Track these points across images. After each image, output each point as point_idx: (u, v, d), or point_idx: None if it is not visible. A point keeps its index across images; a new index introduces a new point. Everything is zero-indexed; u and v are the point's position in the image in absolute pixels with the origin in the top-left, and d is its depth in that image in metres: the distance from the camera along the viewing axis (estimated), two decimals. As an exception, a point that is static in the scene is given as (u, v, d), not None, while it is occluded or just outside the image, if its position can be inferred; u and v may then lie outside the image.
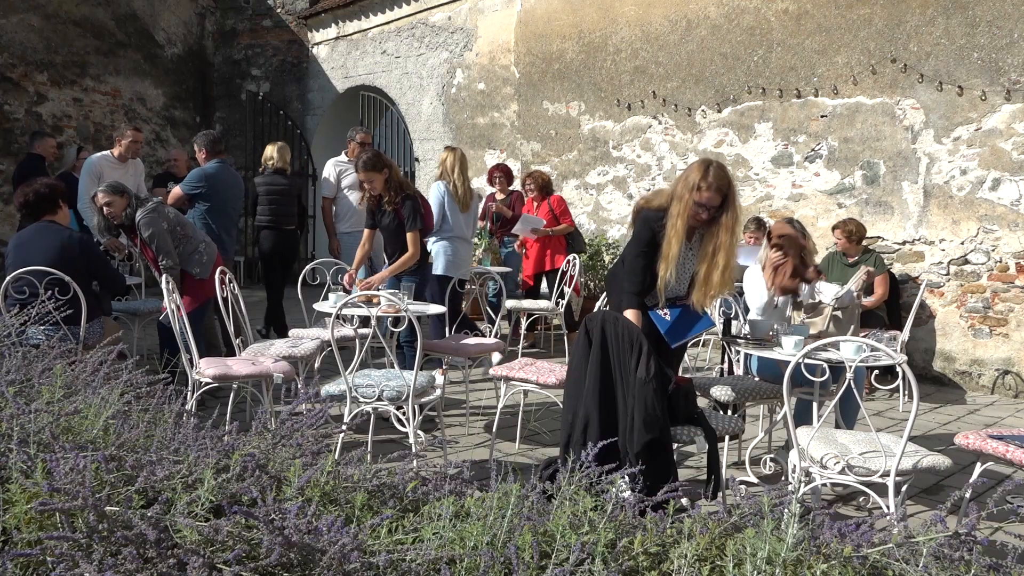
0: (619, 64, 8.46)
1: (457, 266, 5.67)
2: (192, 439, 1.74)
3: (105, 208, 4.65)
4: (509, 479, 1.60)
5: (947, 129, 6.37)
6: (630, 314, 3.40)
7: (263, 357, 4.23)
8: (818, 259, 6.58)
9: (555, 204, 7.31)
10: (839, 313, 5.17)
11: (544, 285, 7.50)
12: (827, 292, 4.44)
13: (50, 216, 4.45)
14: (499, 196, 7.57)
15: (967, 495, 2.75)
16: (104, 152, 6.50)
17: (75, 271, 4.18)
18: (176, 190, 5.76)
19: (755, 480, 3.90)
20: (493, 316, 5.95)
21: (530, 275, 7.34)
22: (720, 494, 2.95)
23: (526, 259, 7.36)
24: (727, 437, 3.65)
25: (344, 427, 2.49)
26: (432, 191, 5.75)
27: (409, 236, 4.93)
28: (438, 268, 5.55)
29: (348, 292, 4.83)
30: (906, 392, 5.33)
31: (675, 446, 3.10)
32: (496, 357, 5.24)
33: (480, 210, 7.33)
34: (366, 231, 5.22)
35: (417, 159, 10.80)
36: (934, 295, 6.49)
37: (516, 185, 8.06)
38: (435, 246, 5.64)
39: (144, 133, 10.93)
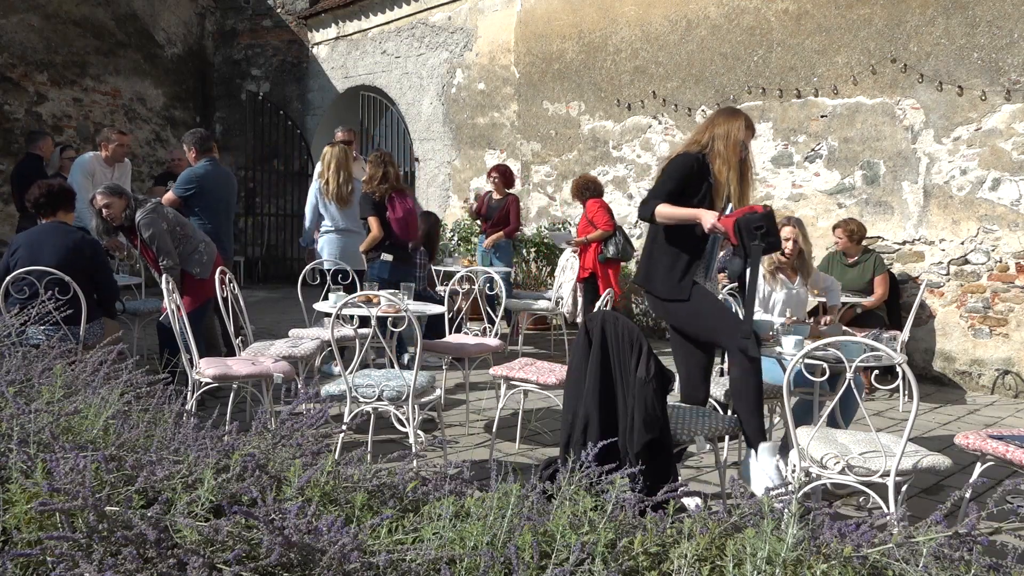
0: (619, 64, 8.46)
1: (340, 257, 5.85)
2: (192, 439, 1.74)
3: (104, 210, 4.63)
4: (509, 479, 1.59)
5: (947, 129, 6.37)
6: (663, 206, 3.35)
7: (263, 357, 4.23)
8: (817, 260, 6.60)
9: (588, 209, 6.83)
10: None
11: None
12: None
13: (62, 216, 4.45)
14: (495, 197, 7.38)
15: (967, 495, 2.75)
16: (95, 152, 6.48)
17: (82, 272, 4.18)
18: (169, 195, 5.72)
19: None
20: (493, 316, 5.94)
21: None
22: None
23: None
24: (727, 437, 3.64)
25: (344, 427, 2.49)
26: (310, 190, 6.10)
27: (369, 220, 5.45)
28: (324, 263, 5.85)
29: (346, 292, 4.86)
30: (906, 392, 5.33)
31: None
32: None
33: (474, 207, 7.81)
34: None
35: (417, 159, 10.80)
36: (934, 295, 6.49)
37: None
38: (319, 241, 6.00)
39: (144, 133, 11.00)
